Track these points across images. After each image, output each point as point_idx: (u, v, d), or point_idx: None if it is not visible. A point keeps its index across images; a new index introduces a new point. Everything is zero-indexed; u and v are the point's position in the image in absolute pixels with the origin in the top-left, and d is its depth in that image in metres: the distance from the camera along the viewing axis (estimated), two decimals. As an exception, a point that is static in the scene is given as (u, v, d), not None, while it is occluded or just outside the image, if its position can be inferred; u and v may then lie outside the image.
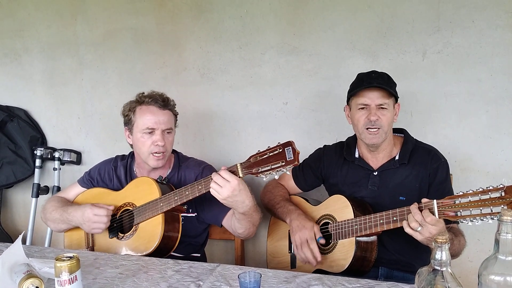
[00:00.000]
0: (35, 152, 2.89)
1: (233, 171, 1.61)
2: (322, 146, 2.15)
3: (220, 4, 2.50)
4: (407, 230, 1.57)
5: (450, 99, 2.21)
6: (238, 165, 1.60)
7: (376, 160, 1.94)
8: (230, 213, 1.90)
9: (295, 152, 1.47)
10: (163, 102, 1.99)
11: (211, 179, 1.62)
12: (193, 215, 1.98)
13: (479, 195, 1.41)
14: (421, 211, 1.54)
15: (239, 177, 1.60)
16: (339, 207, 1.88)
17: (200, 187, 1.71)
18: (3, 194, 3.10)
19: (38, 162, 2.90)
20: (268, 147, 1.54)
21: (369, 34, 2.28)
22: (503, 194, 1.36)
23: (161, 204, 1.82)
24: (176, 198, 1.78)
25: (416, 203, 1.58)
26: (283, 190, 2.16)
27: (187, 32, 2.59)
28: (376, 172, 1.92)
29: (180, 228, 1.88)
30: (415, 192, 1.85)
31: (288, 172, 1.52)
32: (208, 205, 1.96)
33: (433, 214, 1.51)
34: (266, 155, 1.53)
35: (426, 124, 2.25)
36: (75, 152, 2.92)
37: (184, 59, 2.63)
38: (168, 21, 2.62)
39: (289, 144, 1.48)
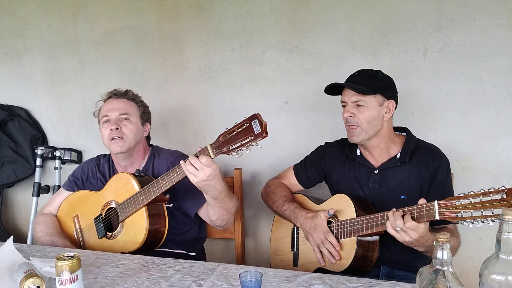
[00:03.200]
0: (36, 151, 2.90)
1: (204, 153, 1.61)
2: (324, 143, 2.14)
3: (221, 3, 2.50)
4: (390, 230, 1.60)
5: (451, 98, 2.21)
6: (208, 146, 1.60)
7: (375, 159, 1.93)
8: (206, 204, 1.89)
9: (262, 124, 1.45)
10: (119, 94, 2.08)
11: (188, 161, 1.62)
12: (170, 205, 1.98)
13: (480, 196, 1.39)
14: (413, 218, 1.55)
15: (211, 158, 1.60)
16: (342, 206, 1.87)
17: (175, 174, 1.72)
18: (4, 193, 3.10)
19: (39, 161, 2.90)
20: (235, 123, 1.53)
21: (370, 33, 2.28)
22: (504, 196, 1.34)
23: (142, 197, 1.83)
24: (154, 189, 1.79)
25: (394, 209, 1.61)
26: (286, 190, 2.14)
27: (187, 31, 2.59)
28: (377, 171, 1.91)
29: (167, 218, 1.89)
30: (416, 191, 1.85)
31: (259, 146, 1.50)
32: (182, 195, 1.97)
33: (434, 215, 1.51)
34: (235, 132, 1.52)
35: (427, 123, 2.25)
36: (75, 151, 2.92)
37: (185, 58, 2.63)
38: (169, 20, 2.62)
39: (255, 117, 1.47)
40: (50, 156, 2.90)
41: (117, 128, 1.97)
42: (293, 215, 1.99)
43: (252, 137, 1.47)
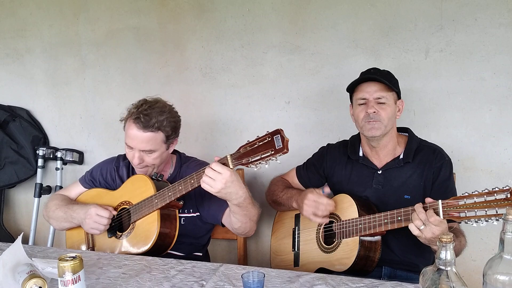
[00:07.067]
0: (37, 152, 2.90)
1: (223, 163, 1.60)
2: (325, 145, 2.14)
3: (222, 3, 2.50)
4: (412, 229, 1.55)
5: (453, 97, 2.20)
6: (228, 156, 1.59)
7: (380, 159, 1.93)
8: (228, 211, 1.86)
9: (284, 140, 1.44)
10: (144, 123, 1.86)
11: (203, 172, 1.61)
12: (195, 215, 1.98)
13: (485, 196, 1.40)
14: (426, 210, 1.53)
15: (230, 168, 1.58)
16: (344, 206, 1.87)
17: (192, 181, 1.71)
18: (6, 194, 3.10)
19: (40, 162, 2.90)
20: (257, 136, 1.52)
21: (372, 33, 2.28)
22: (508, 195, 1.35)
23: (156, 200, 1.82)
24: (170, 194, 1.78)
25: (420, 202, 1.57)
26: (287, 183, 2.17)
27: (189, 31, 2.59)
28: (381, 171, 1.91)
29: (177, 224, 1.87)
30: (420, 191, 1.84)
31: (278, 161, 1.50)
32: (207, 204, 1.95)
33: (438, 215, 1.51)
34: (256, 145, 1.50)
35: (429, 122, 2.25)
36: (77, 151, 2.92)
37: (186, 58, 2.63)
38: (170, 20, 2.62)
39: (278, 132, 1.45)
40: (51, 157, 2.91)
41: (140, 163, 1.92)
42: (290, 196, 2.02)
43: (273, 152, 1.46)
